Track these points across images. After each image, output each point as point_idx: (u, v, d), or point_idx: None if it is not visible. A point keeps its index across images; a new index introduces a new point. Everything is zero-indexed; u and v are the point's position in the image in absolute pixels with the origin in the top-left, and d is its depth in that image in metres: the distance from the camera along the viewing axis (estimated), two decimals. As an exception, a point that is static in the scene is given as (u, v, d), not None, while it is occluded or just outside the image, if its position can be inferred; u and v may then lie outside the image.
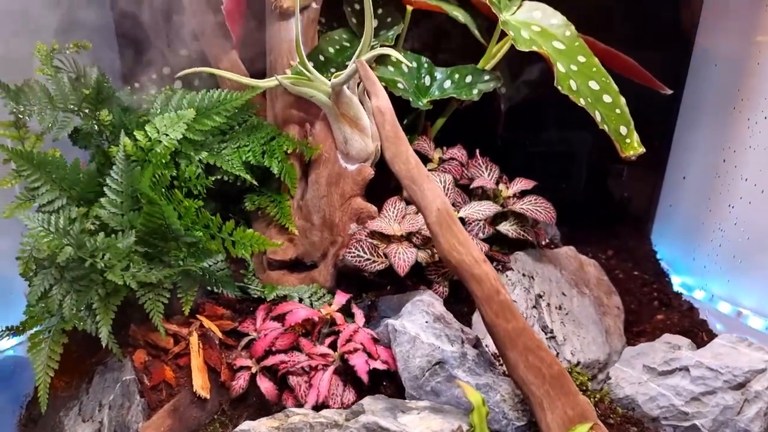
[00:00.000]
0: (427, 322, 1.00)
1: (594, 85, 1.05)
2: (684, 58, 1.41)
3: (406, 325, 0.99)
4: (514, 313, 0.85)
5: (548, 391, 0.85)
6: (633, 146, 1.03)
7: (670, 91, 1.31)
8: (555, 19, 1.11)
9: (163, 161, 0.98)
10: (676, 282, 1.48)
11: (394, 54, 1.02)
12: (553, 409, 0.84)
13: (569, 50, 1.07)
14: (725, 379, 0.95)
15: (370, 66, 0.98)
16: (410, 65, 1.16)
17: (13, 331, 0.99)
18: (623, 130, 1.03)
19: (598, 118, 1.02)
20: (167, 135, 1.01)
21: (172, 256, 1.00)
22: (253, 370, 1.01)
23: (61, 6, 1.17)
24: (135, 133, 1.01)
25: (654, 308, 1.38)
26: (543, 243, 1.34)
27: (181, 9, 1.23)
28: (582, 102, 1.01)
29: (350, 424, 0.85)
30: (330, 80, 1.05)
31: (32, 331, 0.98)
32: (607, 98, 1.04)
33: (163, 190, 0.96)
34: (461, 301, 1.14)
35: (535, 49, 1.03)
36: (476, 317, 1.11)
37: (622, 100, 1.06)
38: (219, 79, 1.18)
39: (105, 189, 1.00)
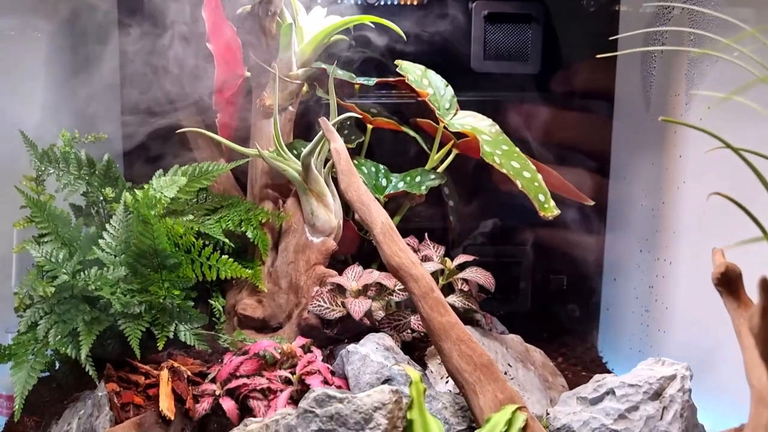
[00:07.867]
0: (377, 348, 1.12)
1: (515, 164, 1.29)
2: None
3: (358, 347, 1.10)
4: (447, 309, 0.99)
5: (480, 377, 0.95)
6: (550, 209, 1.24)
7: (592, 202, 1.56)
8: (483, 121, 1.38)
9: (159, 208, 1.16)
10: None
11: (355, 115, 1.27)
12: (484, 393, 0.94)
13: (494, 141, 1.33)
14: (644, 390, 1.04)
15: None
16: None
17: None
18: (541, 197, 1.25)
19: (519, 184, 1.24)
20: (162, 193, 1.21)
21: (153, 290, 1.14)
22: (217, 392, 1.09)
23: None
24: (135, 190, 1.21)
25: (599, 393, 1.47)
26: (490, 327, 1.47)
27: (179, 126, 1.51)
28: (505, 170, 1.24)
29: (301, 404, 0.93)
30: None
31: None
32: (526, 174, 1.28)
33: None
34: (413, 362, 1.25)
35: (464, 130, 1.29)
36: (427, 372, 1.22)
37: (539, 176, 1.29)
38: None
39: (103, 233, 1.17)
